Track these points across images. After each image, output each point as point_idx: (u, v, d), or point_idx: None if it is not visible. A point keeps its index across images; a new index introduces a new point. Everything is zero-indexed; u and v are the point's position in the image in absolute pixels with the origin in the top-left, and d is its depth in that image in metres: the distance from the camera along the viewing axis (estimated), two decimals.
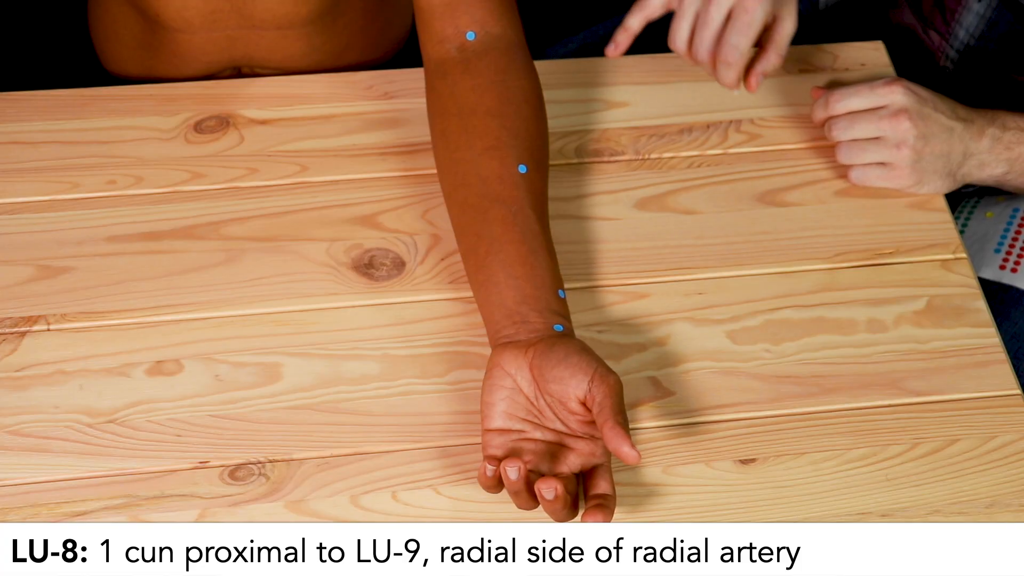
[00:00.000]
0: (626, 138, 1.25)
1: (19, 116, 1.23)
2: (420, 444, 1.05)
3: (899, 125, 1.18)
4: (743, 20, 1.16)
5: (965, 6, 1.30)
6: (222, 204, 1.18)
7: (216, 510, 1.01)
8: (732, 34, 1.17)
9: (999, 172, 1.21)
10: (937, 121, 1.19)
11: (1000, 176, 1.21)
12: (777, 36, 1.20)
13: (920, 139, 1.18)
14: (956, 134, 1.19)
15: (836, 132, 1.21)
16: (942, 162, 1.19)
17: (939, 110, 1.19)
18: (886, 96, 1.19)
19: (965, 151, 1.20)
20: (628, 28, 1.20)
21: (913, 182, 1.20)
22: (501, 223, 1.07)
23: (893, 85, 1.19)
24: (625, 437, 0.95)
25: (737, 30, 1.17)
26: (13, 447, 1.04)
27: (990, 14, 1.28)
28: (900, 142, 1.18)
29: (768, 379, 1.10)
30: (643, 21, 1.20)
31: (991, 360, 1.12)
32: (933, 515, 1.03)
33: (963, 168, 1.21)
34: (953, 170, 1.20)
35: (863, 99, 1.20)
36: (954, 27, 1.31)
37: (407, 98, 1.26)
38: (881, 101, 1.19)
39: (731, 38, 1.17)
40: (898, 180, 1.20)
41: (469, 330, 1.11)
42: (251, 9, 1.25)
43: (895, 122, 1.18)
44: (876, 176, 1.21)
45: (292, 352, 1.09)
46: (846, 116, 1.20)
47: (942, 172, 1.20)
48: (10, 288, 1.12)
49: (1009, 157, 1.20)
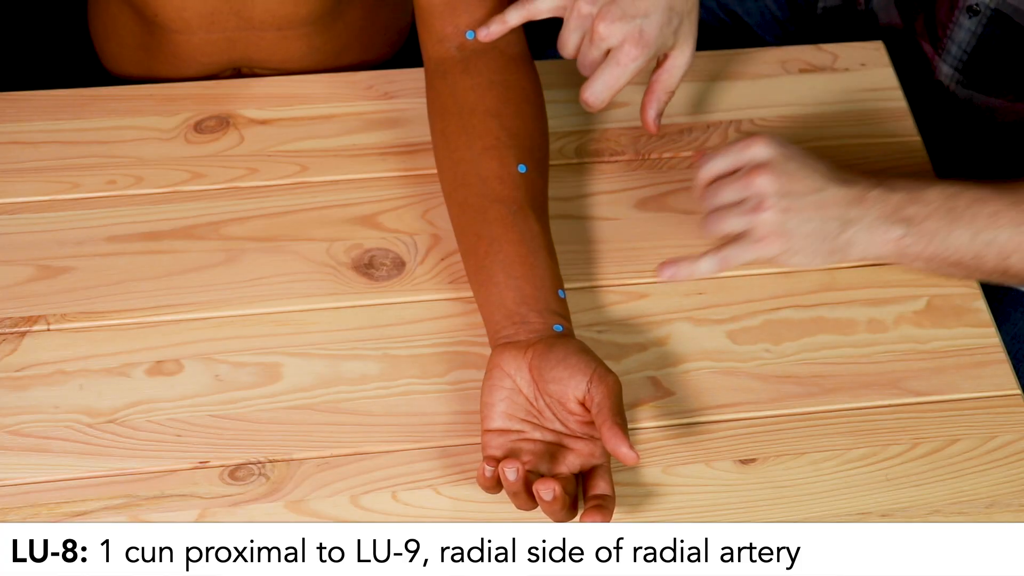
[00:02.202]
0: (626, 138, 1.25)
1: (19, 116, 1.23)
2: (420, 444, 1.05)
3: (757, 180, 1.05)
4: (613, 73, 1.13)
5: (956, 22, 1.29)
6: (222, 204, 1.18)
7: (216, 510, 1.01)
8: (598, 80, 1.13)
9: (894, 236, 1.06)
10: (805, 179, 1.05)
11: (897, 241, 1.06)
12: (665, 74, 1.16)
13: (783, 196, 1.04)
14: (828, 195, 1.05)
15: (705, 203, 1.09)
16: (814, 226, 1.05)
17: (808, 167, 1.06)
18: (746, 151, 1.07)
19: (843, 217, 1.06)
20: (506, 22, 1.14)
21: (780, 249, 1.05)
22: (501, 223, 1.07)
23: (754, 138, 1.07)
24: (623, 438, 0.95)
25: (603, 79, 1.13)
26: (13, 447, 1.04)
27: (981, 30, 1.27)
28: (760, 201, 1.05)
29: (768, 379, 1.10)
30: (524, 19, 1.15)
31: (991, 360, 1.12)
32: (933, 515, 1.03)
33: (845, 234, 1.06)
34: (831, 237, 1.06)
35: (724, 159, 1.08)
36: (947, 43, 1.31)
37: (407, 98, 1.26)
38: (741, 159, 1.07)
39: (596, 84, 1.13)
40: (764, 248, 1.05)
41: (469, 330, 1.11)
42: (250, 10, 1.25)
43: (751, 179, 1.05)
44: (742, 249, 1.06)
45: (292, 352, 1.09)
46: (715, 184, 1.08)
47: (816, 238, 1.06)
48: (10, 288, 1.12)
49: (903, 218, 1.06)
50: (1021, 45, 1.24)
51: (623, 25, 1.12)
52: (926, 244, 1.07)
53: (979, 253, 1.07)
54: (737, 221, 1.06)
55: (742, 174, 1.07)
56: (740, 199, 1.06)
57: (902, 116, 1.27)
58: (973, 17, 1.27)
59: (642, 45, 1.12)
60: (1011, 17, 1.24)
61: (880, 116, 1.28)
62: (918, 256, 1.08)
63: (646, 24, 1.12)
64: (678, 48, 1.15)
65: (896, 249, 1.07)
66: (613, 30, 1.12)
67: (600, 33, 1.12)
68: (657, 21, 1.12)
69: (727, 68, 1.31)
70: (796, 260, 1.07)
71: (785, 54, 1.32)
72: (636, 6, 1.12)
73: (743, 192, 1.06)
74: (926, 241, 1.07)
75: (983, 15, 1.26)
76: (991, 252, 1.07)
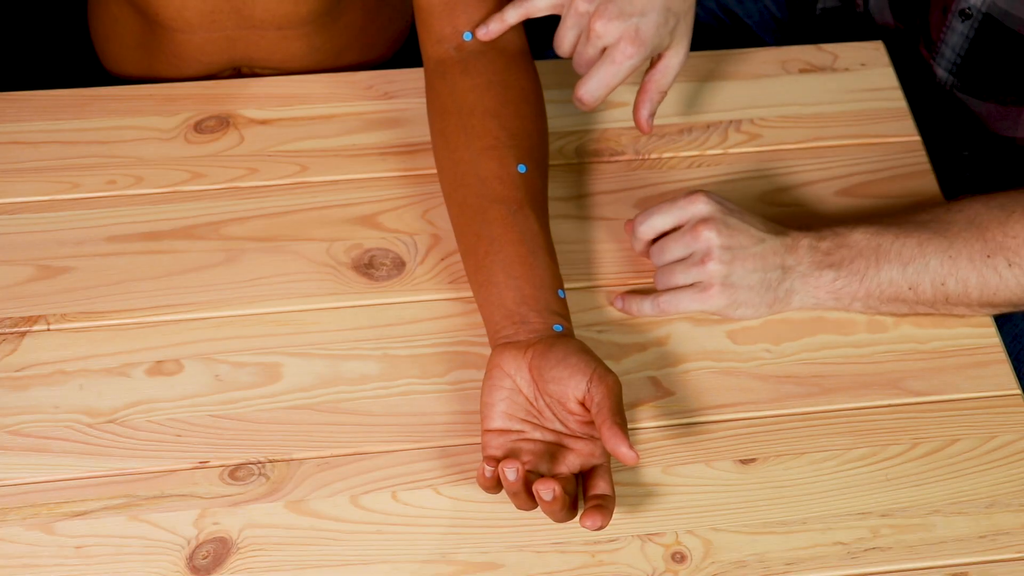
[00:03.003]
0: (626, 138, 1.25)
1: (19, 116, 1.23)
2: (420, 444, 1.05)
3: (701, 235, 1.08)
4: (608, 71, 1.13)
5: (950, 26, 1.29)
6: (222, 204, 1.18)
7: (216, 510, 1.01)
8: (593, 78, 1.13)
9: (827, 280, 1.10)
10: (745, 232, 1.09)
11: (830, 284, 1.10)
12: (658, 74, 1.16)
13: (726, 250, 1.08)
14: (768, 247, 1.09)
15: (654, 259, 1.12)
16: (757, 278, 1.09)
17: (747, 221, 1.10)
18: (689, 207, 1.10)
19: (782, 265, 1.09)
20: (504, 20, 1.15)
21: (726, 302, 1.09)
22: (500, 223, 1.07)
23: (694, 195, 1.10)
24: (623, 438, 0.95)
25: (598, 77, 1.13)
26: (13, 447, 1.04)
27: (973, 34, 1.27)
28: (705, 254, 1.08)
29: (768, 379, 1.10)
30: (522, 17, 1.15)
31: (991, 360, 1.12)
32: (933, 515, 1.03)
33: (784, 283, 1.10)
34: (772, 286, 1.10)
35: (665, 216, 1.11)
36: (941, 47, 1.31)
37: (407, 98, 1.26)
38: (684, 215, 1.10)
39: (590, 81, 1.14)
40: (710, 301, 1.09)
41: (469, 330, 1.11)
42: (250, 9, 1.25)
43: (696, 233, 1.09)
44: (688, 300, 1.09)
45: (292, 352, 1.09)
46: (661, 241, 1.11)
47: (759, 289, 1.09)
48: (10, 288, 1.12)
49: (832, 263, 1.10)
50: (1011, 49, 1.25)
51: (620, 23, 1.12)
52: (859, 284, 1.10)
53: (914, 284, 1.09)
54: (685, 275, 1.10)
55: (687, 229, 1.10)
56: (687, 254, 1.10)
57: (902, 116, 1.27)
58: (966, 21, 1.27)
59: (638, 44, 1.12)
60: (1001, 21, 1.24)
61: (880, 116, 1.28)
62: (854, 296, 1.10)
63: (642, 23, 1.12)
64: (673, 48, 1.15)
65: (831, 292, 1.10)
66: (610, 28, 1.12)
67: (596, 31, 1.12)
68: (654, 20, 1.12)
69: (727, 68, 1.31)
70: (740, 312, 1.10)
71: (785, 54, 1.32)
72: (633, 5, 1.12)
73: (690, 246, 1.09)
74: (858, 281, 1.10)
75: (975, 19, 1.26)
76: (925, 281, 1.09)
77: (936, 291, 1.09)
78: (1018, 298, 1.09)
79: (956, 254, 1.09)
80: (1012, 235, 1.08)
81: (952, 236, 1.09)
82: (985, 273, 1.08)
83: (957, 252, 1.09)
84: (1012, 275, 1.08)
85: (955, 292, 1.09)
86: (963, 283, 1.09)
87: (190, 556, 0.99)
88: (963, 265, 1.08)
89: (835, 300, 1.11)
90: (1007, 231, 1.08)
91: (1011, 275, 1.08)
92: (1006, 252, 1.08)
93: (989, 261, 1.08)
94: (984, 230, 1.09)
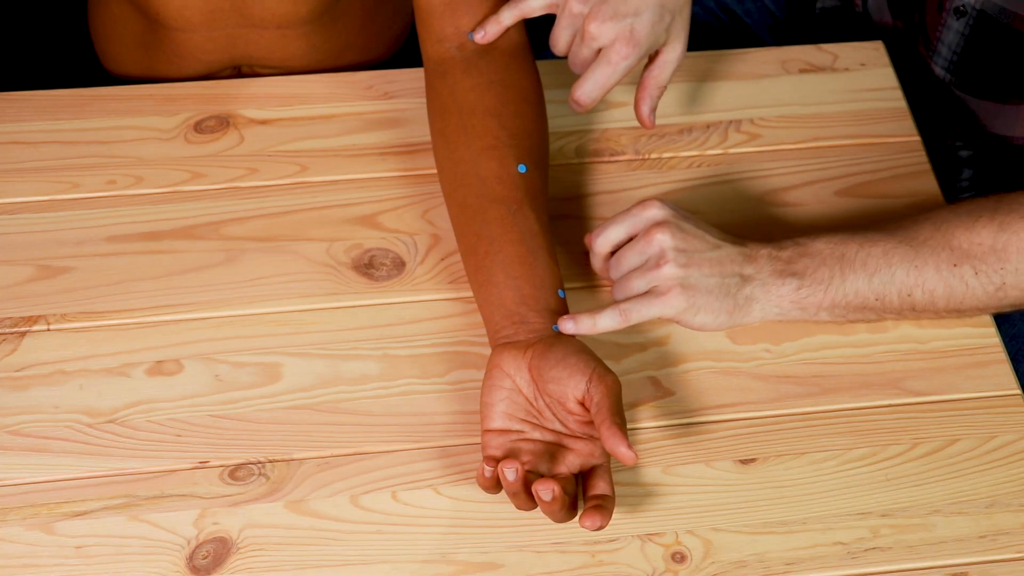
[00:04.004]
0: (626, 138, 1.25)
1: (19, 116, 1.23)
2: (420, 444, 1.05)
3: (655, 239, 1.06)
4: (604, 72, 1.13)
5: (945, 24, 1.29)
6: (222, 204, 1.18)
7: (216, 510, 1.01)
8: (588, 79, 1.13)
9: (789, 289, 1.07)
10: (700, 237, 1.07)
11: (793, 293, 1.07)
12: (656, 69, 1.16)
13: (681, 252, 1.06)
14: (724, 253, 1.07)
15: (612, 273, 1.10)
16: (715, 282, 1.06)
17: (701, 227, 1.08)
18: (641, 214, 1.08)
19: (740, 273, 1.07)
20: (500, 22, 1.15)
21: (685, 304, 1.06)
22: (500, 223, 1.07)
23: (646, 202, 1.09)
24: (622, 438, 0.95)
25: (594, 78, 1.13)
26: (13, 447, 1.04)
27: (968, 31, 1.27)
28: (660, 257, 1.06)
29: (768, 379, 1.10)
30: (517, 18, 1.15)
31: (991, 360, 1.12)
32: (933, 515, 1.03)
33: (744, 291, 1.07)
34: (732, 293, 1.07)
35: (620, 227, 1.09)
36: (937, 45, 1.30)
37: (407, 98, 1.26)
38: (637, 222, 1.09)
39: (586, 83, 1.13)
40: (667, 303, 1.05)
41: (469, 330, 1.11)
42: (251, 8, 1.25)
43: (650, 238, 1.07)
44: (647, 306, 1.06)
45: (292, 352, 1.09)
46: (617, 253, 1.10)
47: (717, 294, 1.06)
48: (10, 288, 1.12)
49: (794, 272, 1.07)
50: (1007, 45, 1.25)
51: (614, 24, 1.12)
52: (823, 293, 1.08)
53: (880, 294, 1.08)
54: (641, 282, 1.07)
55: (640, 236, 1.08)
56: (643, 261, 1.07)
57: (902, 116, 1.27)
58: (960, 18, 1.27)
59: (633, 44, 1.12)
60: (996, 17, 1.24)
61: (880, 116, 1.28)
62: (819, 306, 1.08)
63: (637, 23, 1.12)
64: (670, 44, 1.15)
65: (795, 301, 1.08)
66: (604, 29, 1.12)
67: (591, 32, 1.12)
68: (648, 19, 1.12)
69: (727, 68, 1.31)
70: (700, 319, 1.07)
71: (785, 54, 1.32)
72: (627, 5, 1.12)
73: (645, 251, 1.07)
74: (823, 290, 1.08)
75: (969, 15, 1.26)
76: (892, 291, 1.07)
77: (903, 301, 1.08)
78: (984, 305, 1.08)
79: (922, 263, 1.07)
80: (978, 242, 1.06)
81: (918, 244, 1.07)
82: (952, 283, 1.07)
83: (923, 261, 1.07)
84: (979, 283, 1.07)
85: (921, 301, 1.08)
86: (929, 293, 1.07)
87: (190, 556, 0.99)
88: (929, 275, 1.07)
89: (800, 310, 1.08)
90: (972, 238, 1.06)
91: (977, 283, 1.07)
92: (972, 260, 1.06)
93: (956, 270, 1.06)
94: (951, 237, 1.07)
